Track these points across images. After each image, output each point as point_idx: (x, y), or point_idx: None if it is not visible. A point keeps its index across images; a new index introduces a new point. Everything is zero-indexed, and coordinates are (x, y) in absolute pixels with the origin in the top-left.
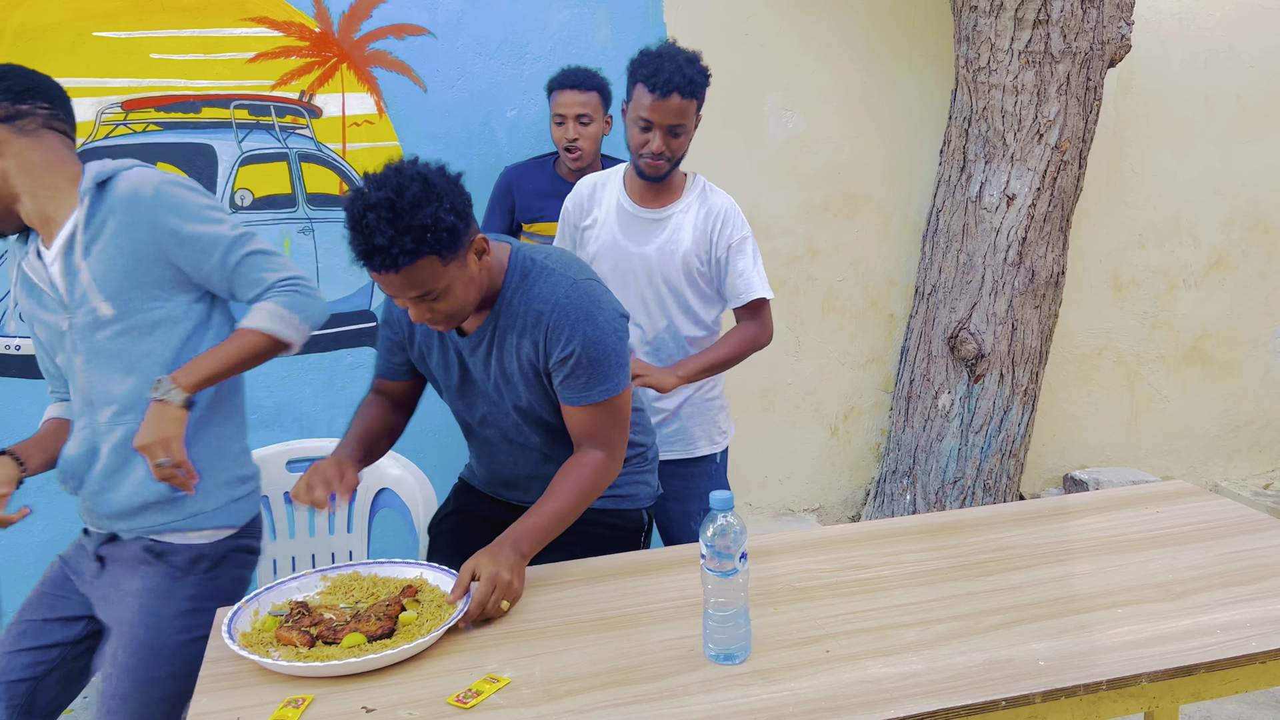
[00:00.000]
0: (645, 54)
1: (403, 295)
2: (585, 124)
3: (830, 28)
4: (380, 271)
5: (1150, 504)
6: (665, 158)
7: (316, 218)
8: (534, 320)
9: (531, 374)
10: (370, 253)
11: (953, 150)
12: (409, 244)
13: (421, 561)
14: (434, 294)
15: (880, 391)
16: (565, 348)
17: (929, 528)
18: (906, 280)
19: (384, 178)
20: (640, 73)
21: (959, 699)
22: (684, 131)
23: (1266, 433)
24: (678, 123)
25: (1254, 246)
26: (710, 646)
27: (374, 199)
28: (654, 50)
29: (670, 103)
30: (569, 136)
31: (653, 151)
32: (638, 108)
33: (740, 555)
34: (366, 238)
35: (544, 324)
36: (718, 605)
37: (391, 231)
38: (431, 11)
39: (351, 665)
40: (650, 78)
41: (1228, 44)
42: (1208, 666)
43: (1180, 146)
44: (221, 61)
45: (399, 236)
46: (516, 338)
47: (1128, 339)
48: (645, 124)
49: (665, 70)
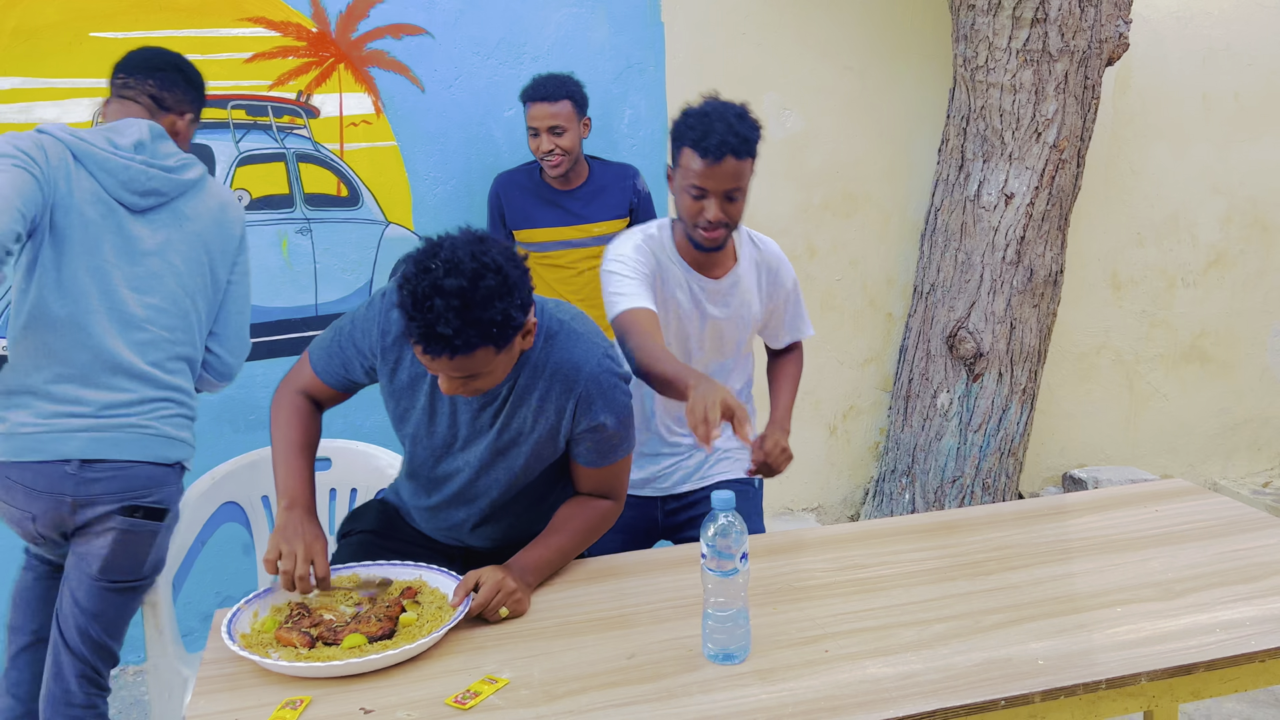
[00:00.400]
0: (690, 114)
1: (443, 373)
2: (559, 134)
3: (828, 27)
4: (434, 355)
5: (1149, 503)
6: (724, 225)
7: (314, 218)
8: (564, 386)
9: (547, 435)
10: (430, 338)
11: (951, 149)
12: (474, 337)
13: (421, 564)
14: (479, 377)
15: (879, 391)
16: (596, 418)
17: (928, 527)
18: (905, 279)
19: (458, 261)
20: (688, 136)
21: (958, 699)
22: (741, 195)
23: (1265, 431)
24: (734, 186)
25: (1252, 245)
26: (709, 646)
27: (447, 285)
28: (699, 109)
29: (725, 167)
30: (543, 148)
31: (709, 220)
32: (687, 174)
33: (741, 555)
34: (429, 323)
35: (576, 392)
36: (718, 605)
37: (459, 323)
38: (429, 11)
39: (350, 666)
40: (700, 141)
41: (1226, 42)
42: (1207, 665)
43: (1178, 145)
44: (219, 61)
45: (465, 328)
46: (539, 399)
47: (1126, 337)
48: (698, 191)
49: (716, 131)
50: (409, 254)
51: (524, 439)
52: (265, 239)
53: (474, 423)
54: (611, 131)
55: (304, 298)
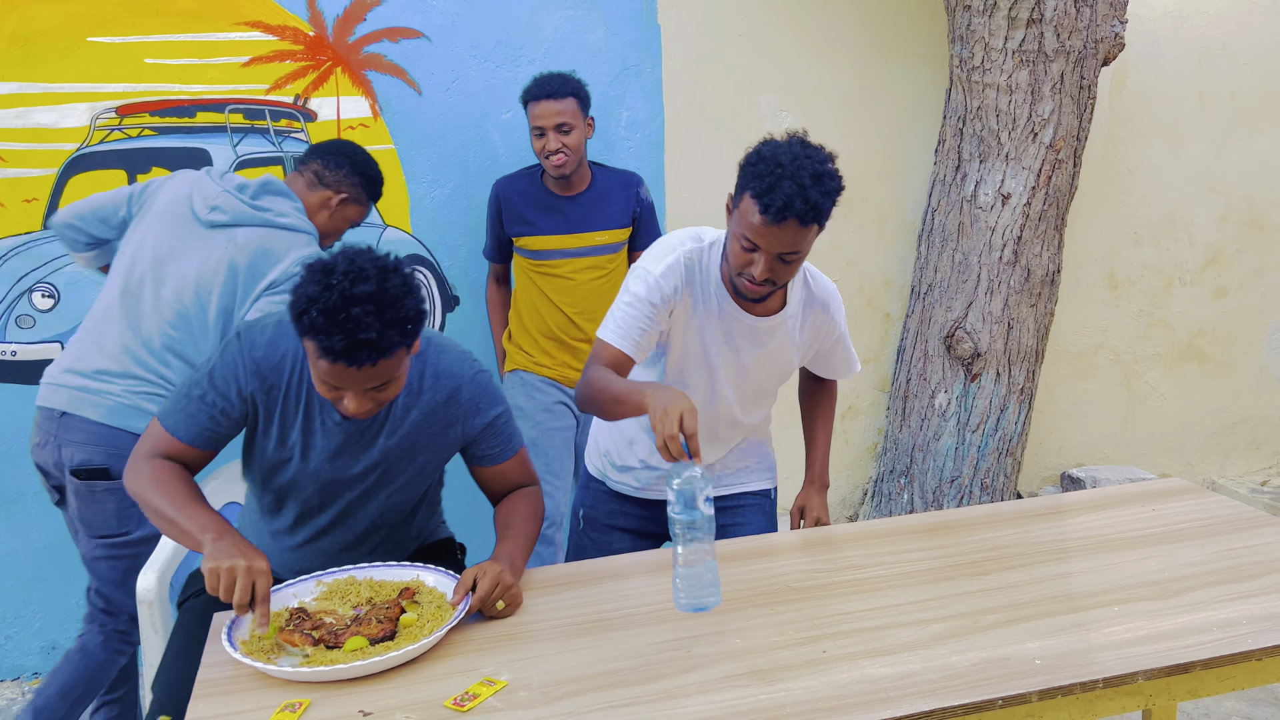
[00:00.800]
0: (764, 158)
1: (358, 387)
2: (565, 132)
3: (824, 28)
4: (358, 366)
5: (1146, 502)
6: (770, 284)
7: None
8: (447, 396)
9: (434, 447)
10: (354, 348)
11: (947, 149)
12: (394, 336)
13: (417, 564)
14: (389, 383)
15: (877, 391)
16: (488, 414)
17: (926, 527)
18: (902, 280)
19: (360, 269)
20: (753, 184)
21: (955, 698)
22: (798, 258)
23: (1263, 429)
24: (791, 250)
25: (1249, 243)
26: (681, 598)
27: (358, 292)
28: (773, 154)
29: (785, 230)
30: (550, 148)
31: (753, 276)
32: (742, 223)
33: (705, 500)
34: (350, 333)
35: (461, 400)
36: (686, 555)
37: (380, 325)
38: (425, 14)
39: (349, 670)
40: (763, 195)
41: (1221, 41)
42: (1204, 664)
43: (1175, 144)
44: (216, 66)
45: (385, 330)
46: (421, 413)
47: (1124, 337)
48: (750, 245)
49: (783, 191)
50: (296, 285)
51: (410, 455)
52: None
53: (357, 444)
54: (608, 134)
55: None
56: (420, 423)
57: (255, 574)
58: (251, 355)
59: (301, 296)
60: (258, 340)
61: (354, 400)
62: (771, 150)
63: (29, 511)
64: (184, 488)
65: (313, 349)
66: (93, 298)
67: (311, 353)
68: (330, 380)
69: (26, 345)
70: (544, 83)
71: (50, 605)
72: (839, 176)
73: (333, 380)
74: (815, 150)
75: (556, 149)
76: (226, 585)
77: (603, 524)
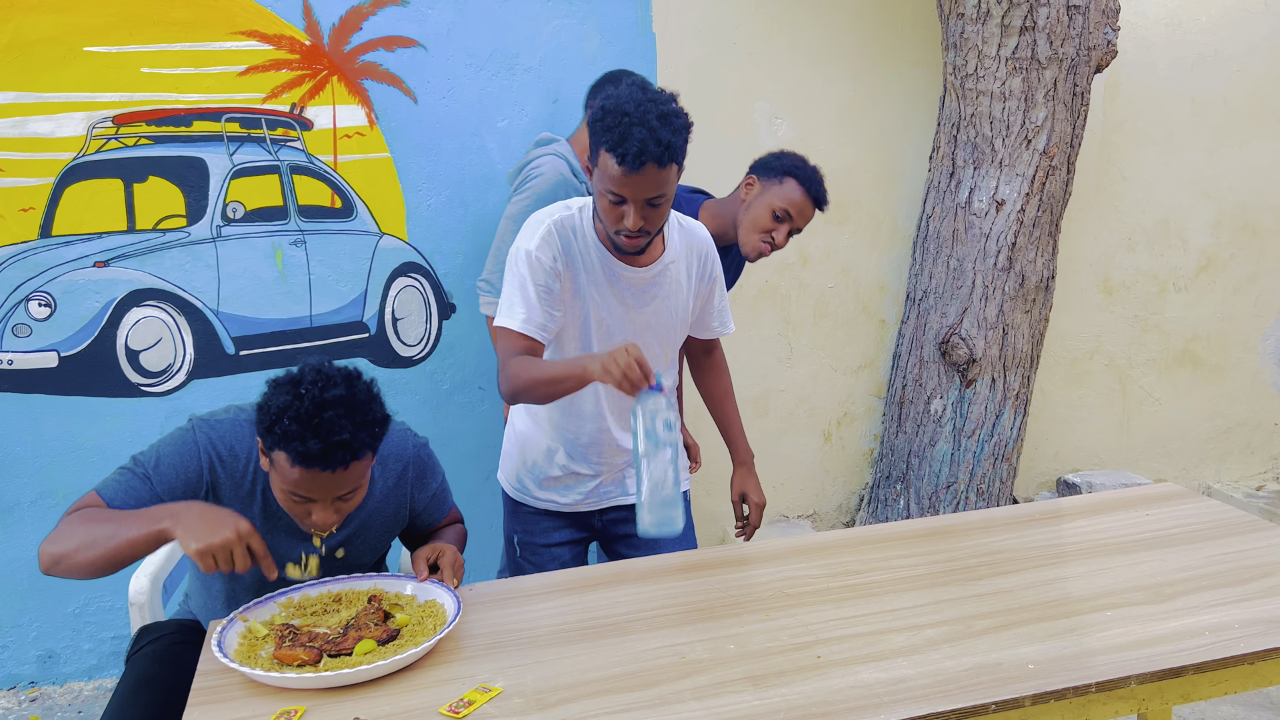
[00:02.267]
0: (609, 110)
1: (328, 495)
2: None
3: (819, 35)
4: (332, 469)
5: (1141, 507)
6: (645, 233)
7: (308, 230)
8: (396, 479)
9: (383, 527)
10: (329, 451)
11: (942, 156)
12: (365, 439)
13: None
14: (354, 490)
15: (873, 397)
16: (430, 486)
17: (922, 532)
18: (898, 286)
19: (328, 375)
20: (607, 139)
21: (949, 703)
22: (665, 200)
23: (1257, 435)
24: (657, 193)
25: (1242, 249)
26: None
27: (329, 397)
28: (618, 105)
29: (646, 175)
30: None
31: (628, 229)
32: (606, 178)
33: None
34: (324, 436)
35: (408, 477)
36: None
37: (352, 427)
38: (421, 23)
39: (348, 676)
40: (618, 146)
41: (1214, 48)
42: (1197, 668)
43: (1168, 150)
44: (212, 75)
45: (358, 432)
46: (376, 500)
47: (1118, 342)
48: (617, 197)
49: (635, 137)
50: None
51: (365, 537)
52: (259, 251)
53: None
54: None
55: (298, 309)
56: (375, 509)
57: (246, 537)
58: (210, 448)
59: (272, 408)
60: (215, 434)
61: (321, 512)
62: (615, 103)
63: (25, 520)
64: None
65: (284, 459)
66: (89, 307)
67: (282, 464)
68: (300, 490)
69: (23, 354)
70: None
71: (47, 615)
72: (685, 113)
73: (303, 490)
74: (657, 93)
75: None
76: (225, 560)
77: (539, 545)
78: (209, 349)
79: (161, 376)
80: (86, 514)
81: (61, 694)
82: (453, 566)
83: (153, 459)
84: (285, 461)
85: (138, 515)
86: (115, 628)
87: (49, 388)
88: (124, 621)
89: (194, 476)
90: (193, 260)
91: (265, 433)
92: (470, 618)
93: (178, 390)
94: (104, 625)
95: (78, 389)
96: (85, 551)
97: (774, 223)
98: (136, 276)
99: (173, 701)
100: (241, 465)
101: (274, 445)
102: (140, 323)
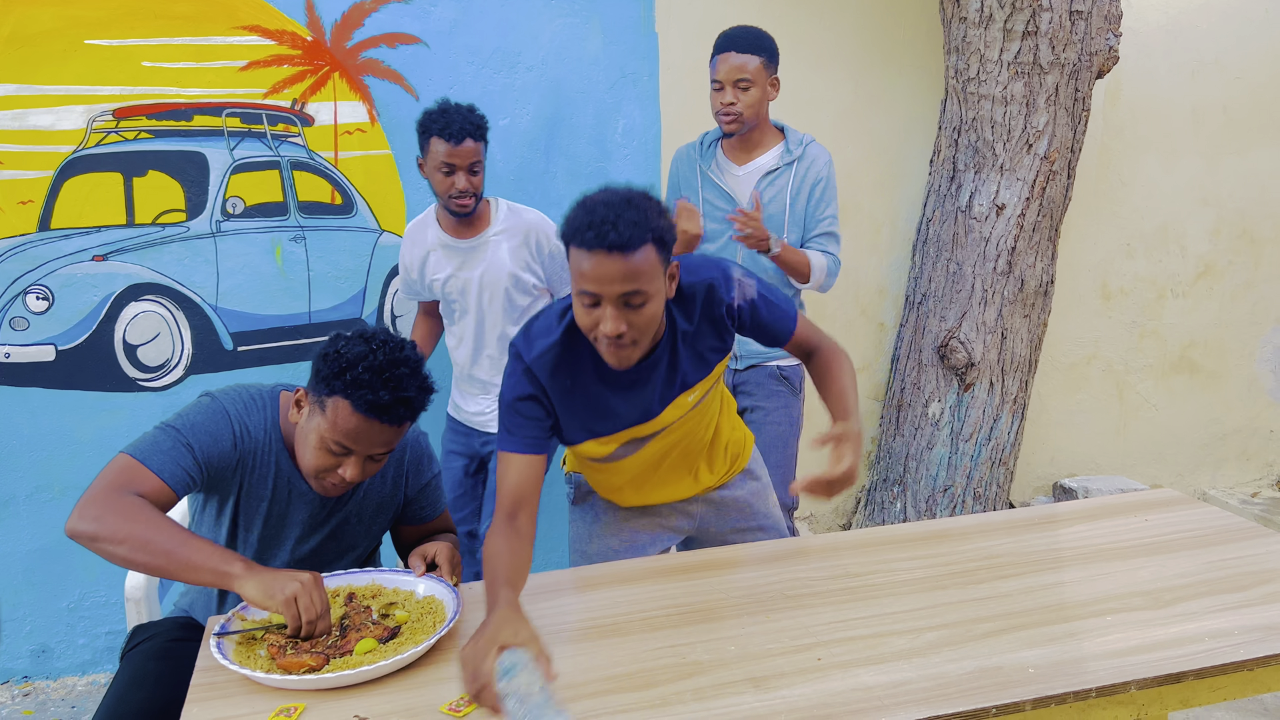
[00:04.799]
0: (431, 112)
1: (371, 449)
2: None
3: (821, 38)
4: (392, 423)
5: (1138, 512)
6: (470, 194)
7: (308, 226)
8: (395, 457)
9: (377, 510)
10: (395, 405)
11: (943, 160)
12: (422, 402)
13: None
14: (387, 452)
15: (871, 400)
16: (425, 475)
17: (919, 536)
18: (897, 289)
19: (398, 339)
20: (433, 128)
21: (949, 706)
22: (481, 169)
23: (1254, 441)
24: (474, 161)
25: (1240, 256)
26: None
27: (400, 356)
28: (438, 108)
29: (465, 147)
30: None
31: (460, 190)
32: (435, 157)
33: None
34: (393, 390)
35: (405, 462)
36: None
37: (415, 387)
38: (424, 20)
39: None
40: (444, 130)
41: (1214, 55)
42: (1196, 674)
43: (1168, 157)
44: (213, 69)
45: (419, 394)
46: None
47: (1116, 348)
48: (449, 168)
49: (455, 121)
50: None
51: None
52: (259, 246)
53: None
54: (605, 141)
55: (297, 305)
56: (372, 486)
57: (315, 585)
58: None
59: (344, 356)
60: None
61: (353, 467)
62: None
63: (20, 514)
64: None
65: (345, 407)
66: (87, 300)
67: (340, 412)
68: (348, 440)
69: (20, 347)
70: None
71: (41, 609)
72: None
73: (350, 440)
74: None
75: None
76: (307, 608)
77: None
78: (207, 344)
79: (159, 371)
80: (142, 508)
81: (55, 689)
82: (450, 562)
83: (188, 425)
84: (346, 409)
85: (205, 550)
86: (110, 623)
87: (46, 381)
88: (119, 617)
89: (228, 447)
90: (192, 255)
91: (333, 377)
92: (470, 616)
93: (175, 385)
94: (99, 620)
95: (75, 383)
96: (134, 551)
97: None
98: (135, 271)
99: (169, 698)
100: (260, 441)
101: (339, 391)
102: (138, 317)
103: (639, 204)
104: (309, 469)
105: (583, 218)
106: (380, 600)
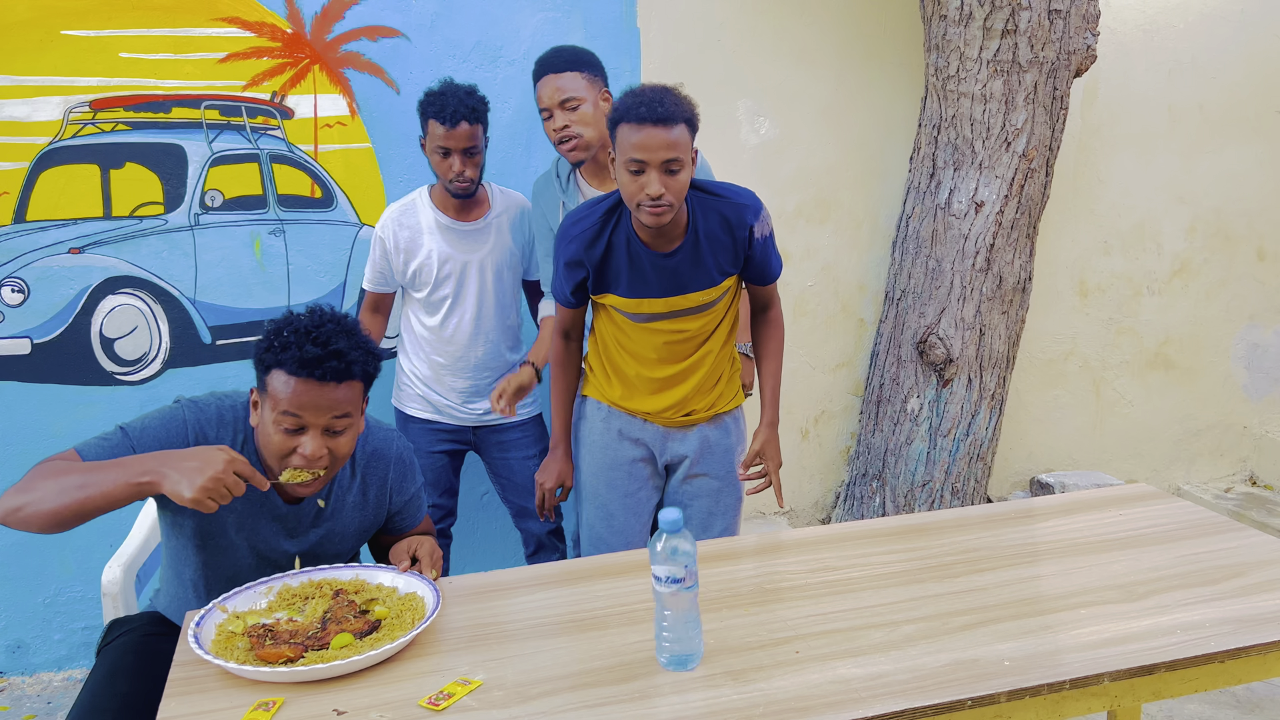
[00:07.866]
0: (430, 93)
1: (320, 415)
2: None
3: (802, 35)
4: (324, 379)
5: (1113, 507)
6: (467, 177)
7: (288, 219)
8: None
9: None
10: (324, 358)
11: (922, 157)
12: (359, 358)
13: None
14: (345, 423)
15: (850, 395)
16: (409, 489)
17: (898, 530)
18: (876, 285)
19: (324, 311)
20: (430, 110)
21: (926, 699)
22: (479, 151)
23: (1227, 437)
24: (471, 145)
25: (1216, 254)
26: (663, 654)
27: (326, 317)
28: (438, 89)
29: (460, 130)
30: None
31: (456, 172)
32: (434, 139)
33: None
34: (323, 344)
35: (389, 475)
36: (669, 617)
37: (347, 342)
38: (404, 14)
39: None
40: (440, 113)
41: (1191, 55)
42: (1168, 666)
43: (1144, 155)
44: (192, 61)
45: (352, 349)
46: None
47: (1093, 344)
48: (445, 151)
49: (451, 104)
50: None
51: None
52: (238, 240)
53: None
54: None
55: (277, 299)
56: (355, 503)
57: (234, 465)
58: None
59: (270, 330)
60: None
61: (312, 441)
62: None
63: None
64: (84, 463)
65: (280, 378)
66: (63, 293)
67: (277, 385)
68: (294, 408)
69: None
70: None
71: (16, 604)
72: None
73: (296, 408)
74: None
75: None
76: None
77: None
78: (185, 338)
79: (136, 365)
80: (56, 465)
81: (30, 684)
82: (430, 558)
83: (138, 428)
84: (282, 377)
85: (113, 465)
86: (86, 618)
87: (21, 375)
88: (95, 612)
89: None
90: (170, 248)
91: (264, 352)
92: (450, 611)
93: (153, 379)
94: (75, 615)
95: (51, 377)
96: (50, 500)
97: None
98: (112, 264)
99: (146, 691)
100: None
101: (272, 362)
102: (115, 310)
103: (676, 92)
104: (273, 458)
105: (632, 100)
106: (362, 595)
